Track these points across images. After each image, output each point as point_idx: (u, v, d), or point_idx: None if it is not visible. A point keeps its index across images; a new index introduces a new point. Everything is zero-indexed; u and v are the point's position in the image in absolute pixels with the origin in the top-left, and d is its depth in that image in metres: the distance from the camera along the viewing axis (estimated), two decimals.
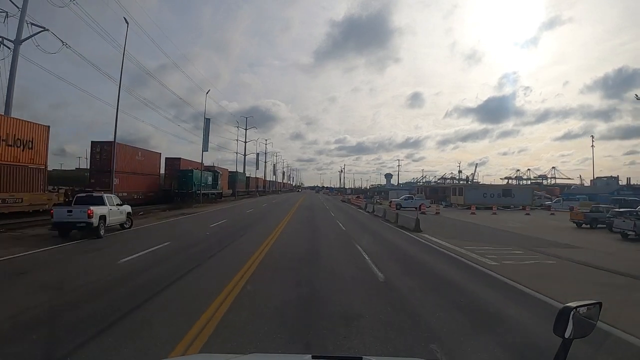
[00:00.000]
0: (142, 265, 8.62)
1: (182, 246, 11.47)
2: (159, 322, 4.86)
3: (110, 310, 5.29)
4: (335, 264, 9.10)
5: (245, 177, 68.95)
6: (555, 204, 42.01)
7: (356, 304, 5.83)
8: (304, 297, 6.19)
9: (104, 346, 4.10)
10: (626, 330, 4.85)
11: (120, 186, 30.70)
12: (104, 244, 11.96)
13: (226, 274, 7.68)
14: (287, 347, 4.15)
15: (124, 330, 4.55)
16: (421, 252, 11.73)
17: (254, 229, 16.43)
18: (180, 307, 5.56)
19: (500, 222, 24.48)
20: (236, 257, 9.62)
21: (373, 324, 4.89)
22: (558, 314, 1.32)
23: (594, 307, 1.39)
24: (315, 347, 4.15)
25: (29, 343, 4.19)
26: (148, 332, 4.48)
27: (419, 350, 4.12)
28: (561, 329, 1.30)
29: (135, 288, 6.59)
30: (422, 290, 6.90)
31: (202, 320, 4.86)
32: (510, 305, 6.13)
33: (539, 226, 22.53)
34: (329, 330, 4.67)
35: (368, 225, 20.20)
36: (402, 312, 5.48)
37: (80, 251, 10.65)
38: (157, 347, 4.04)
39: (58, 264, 9.09)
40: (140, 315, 5.16)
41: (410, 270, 8.77)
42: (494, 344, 4.37)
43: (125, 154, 32.06)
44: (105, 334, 4.40)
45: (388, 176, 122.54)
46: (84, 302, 5.69)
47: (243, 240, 13.02)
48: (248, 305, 5.67)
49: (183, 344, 4.12)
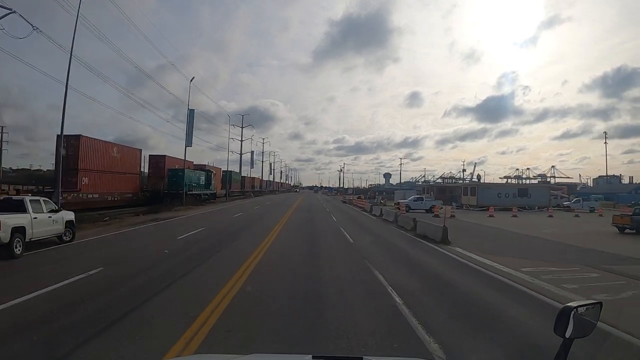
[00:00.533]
0: (17, 321, 4.82)
1: (115, 277, 7.51)
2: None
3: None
4: (349, 319, 5.22)
5: (240, 177, 64.45)
6: (575, 205, 38.62)
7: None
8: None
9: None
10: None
11: (89, 187, 26.81)
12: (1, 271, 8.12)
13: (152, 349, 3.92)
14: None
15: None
16: (470, 281, 7.93)
17: (234, 244, 12.46)
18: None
19: (529, 226, 20.86)
20: (184, 306, 5.69)
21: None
22: (559, 314, 1.33)
23: (594, 307, 1.39)
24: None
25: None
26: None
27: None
28: (562, 329, 1.31)
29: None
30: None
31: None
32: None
33: (576, 232, 19.05)
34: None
35: (380, 234, 16.30)
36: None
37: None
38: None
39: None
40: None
41: (488, 335, 4.82)
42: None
43: (97, 149, 28.01)
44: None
45: (387, 175, 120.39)
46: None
47: (211, 265, 9.06)
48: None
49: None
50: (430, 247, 12.68)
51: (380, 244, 13.36)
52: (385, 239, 15.00)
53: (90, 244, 12.19)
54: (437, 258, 10.81)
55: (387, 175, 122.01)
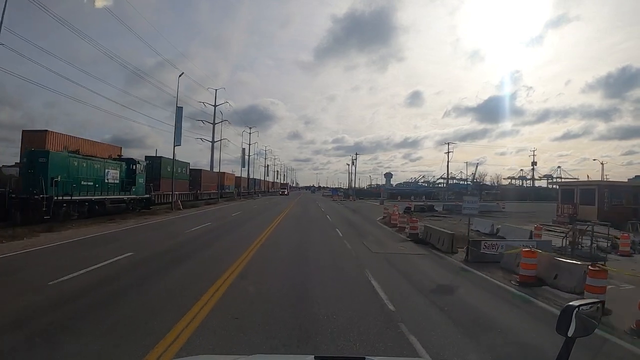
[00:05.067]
0: None
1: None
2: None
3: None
4: None
5: (187, 169, 36.88)
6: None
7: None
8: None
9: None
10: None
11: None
12: None
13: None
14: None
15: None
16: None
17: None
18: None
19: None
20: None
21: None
22: (561, 313, 1.31)
23: (596, 306, 1.39)
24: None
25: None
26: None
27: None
28: (564, 328, 1.30)
29: None
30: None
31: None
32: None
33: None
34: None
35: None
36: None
37: None
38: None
39: None
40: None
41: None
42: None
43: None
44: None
45: (388, 175, 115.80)
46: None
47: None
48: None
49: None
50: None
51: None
52: None
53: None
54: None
55: (388, 175, 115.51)
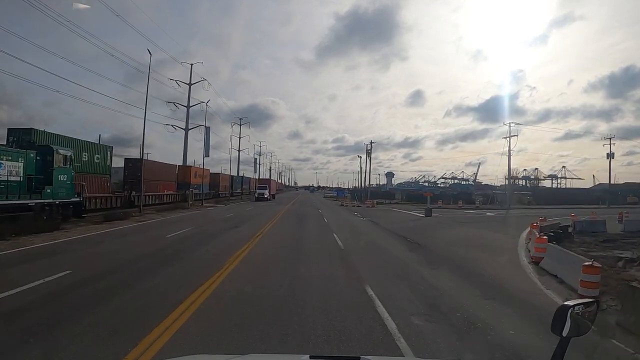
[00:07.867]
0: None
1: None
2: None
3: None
4: None
5: (108, 159, 24.37)
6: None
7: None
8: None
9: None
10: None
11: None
12: None
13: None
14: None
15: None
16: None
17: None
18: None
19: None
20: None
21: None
22: (555, 313, 1.32)
23: (590, 306, 1.40)
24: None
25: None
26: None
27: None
28: (558, 328, 1.31)
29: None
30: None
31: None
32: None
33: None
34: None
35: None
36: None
37: None
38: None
39: None
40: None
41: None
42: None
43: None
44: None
45: (389, 175, 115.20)
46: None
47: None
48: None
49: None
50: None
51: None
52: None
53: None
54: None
55: (389, 174, 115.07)
